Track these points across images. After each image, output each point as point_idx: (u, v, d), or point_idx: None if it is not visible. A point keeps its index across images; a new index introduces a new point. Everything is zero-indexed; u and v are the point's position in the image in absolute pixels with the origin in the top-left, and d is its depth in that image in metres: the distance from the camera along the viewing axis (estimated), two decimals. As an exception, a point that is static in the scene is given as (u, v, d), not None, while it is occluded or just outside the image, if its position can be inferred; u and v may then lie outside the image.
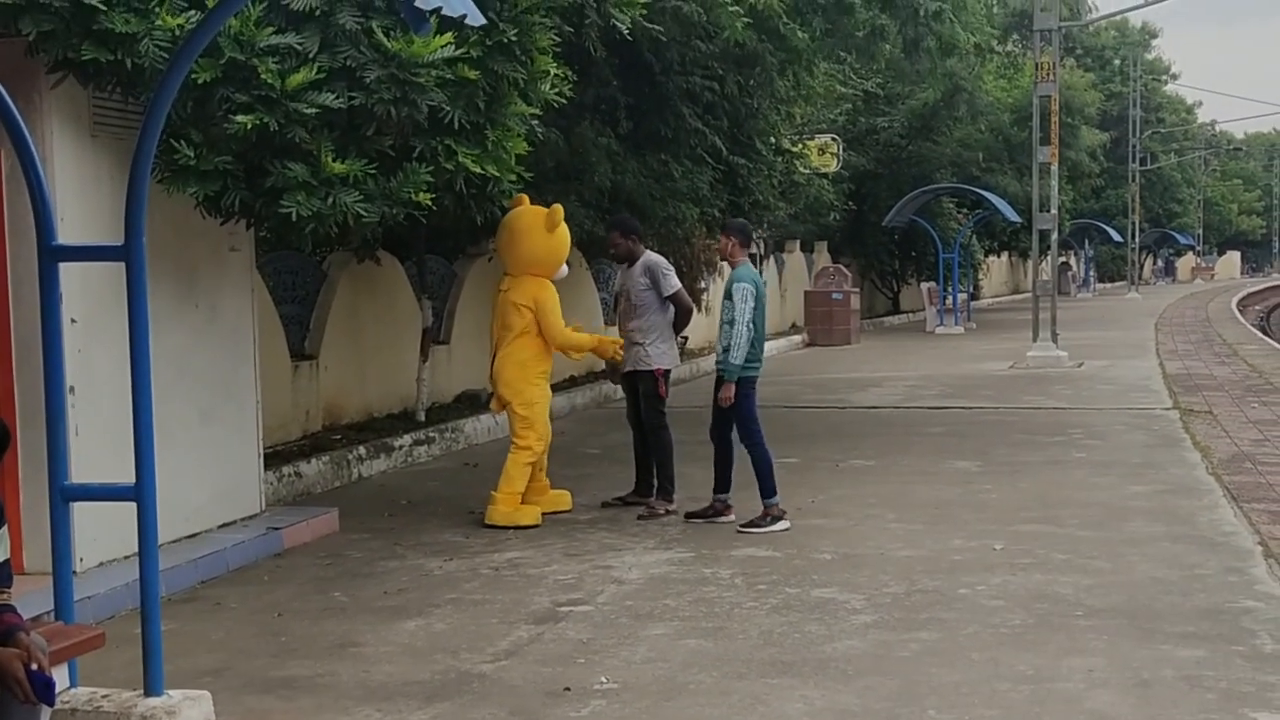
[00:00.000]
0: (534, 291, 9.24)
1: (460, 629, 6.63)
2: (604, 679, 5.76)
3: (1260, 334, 30.20)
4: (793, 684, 5.64)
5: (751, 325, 8.88)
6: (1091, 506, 9.33)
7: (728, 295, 8.98)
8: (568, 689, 5.63)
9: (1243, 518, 8.79)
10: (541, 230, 9.30)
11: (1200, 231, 79.40)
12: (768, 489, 8.91)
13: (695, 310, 22.35)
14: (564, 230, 9.51)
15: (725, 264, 11.84)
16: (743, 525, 8.81)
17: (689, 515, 9.21)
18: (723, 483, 9.21)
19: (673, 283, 9.68)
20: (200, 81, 6.89)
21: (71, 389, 7.03)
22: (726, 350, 8.90)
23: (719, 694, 5.53)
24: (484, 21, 6.70)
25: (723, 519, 9.04)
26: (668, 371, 9.72)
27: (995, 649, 6.08)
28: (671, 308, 9.70)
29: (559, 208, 9.43)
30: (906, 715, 5.22)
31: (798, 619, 6.64)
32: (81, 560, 7.13)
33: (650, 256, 9.83)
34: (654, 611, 6.85)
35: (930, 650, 6.08)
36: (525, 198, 9.39)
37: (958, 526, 8.77)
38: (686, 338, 10.11)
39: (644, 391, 9.72)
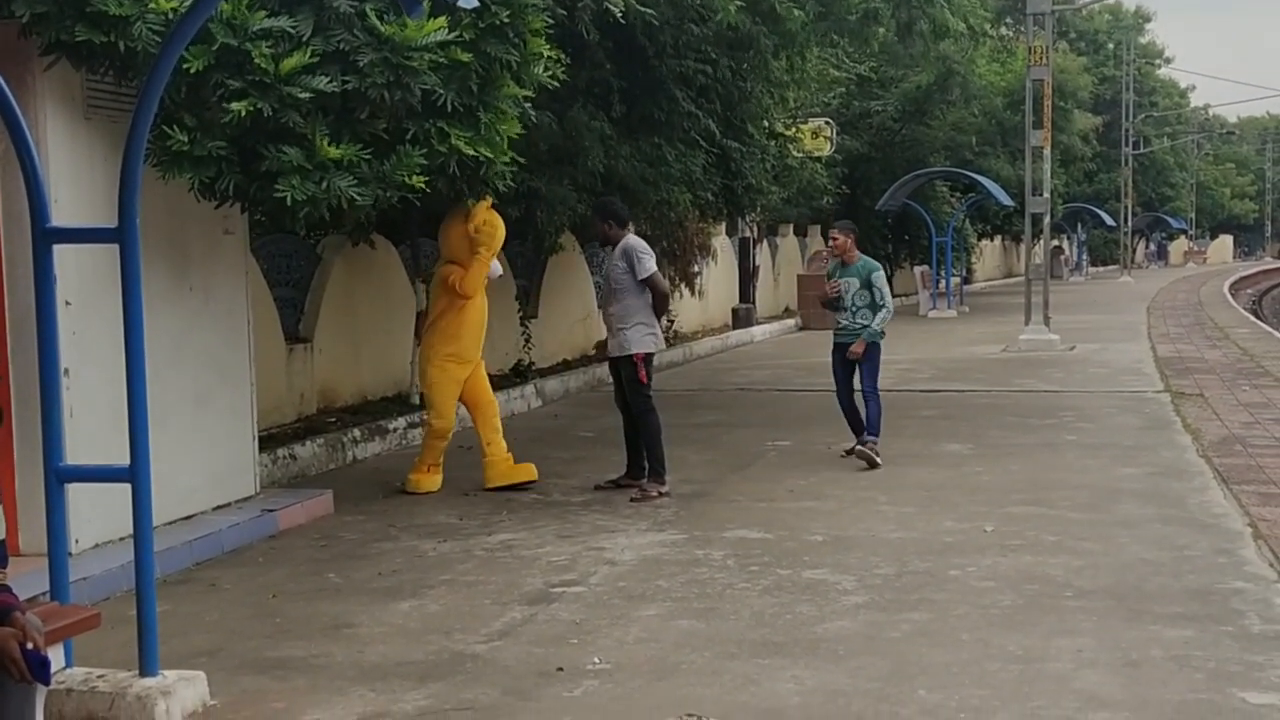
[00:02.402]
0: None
1: (454, 610, 6.66)
2: (597, 659, 5.80)
3: (1252, 317, 30.26)
4: (784, 664, 5.68)
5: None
6: (1082, 489, 9.37)
7: (866, 285, 10.79)
8: (561, 669, 5.67)
9: (1232, 500, 8.84)
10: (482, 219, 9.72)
11: (1193, 215, 79.40)
12: (878, 429, 10.68)
13: (691, 294, 22.43)
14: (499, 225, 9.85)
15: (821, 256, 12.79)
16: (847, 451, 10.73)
17: (854, 451, 10.57)
18: (860, 426, 10.82)
19: (647, 266, 9.58)
20: (193, 70, 6.90)
21: (66, 371, 7.06)
22: (868, 324, 10.78)
23: (711, 674, 5.57)
24: (477, 4, 6.74)
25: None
26: (648, 356, 9.66)
27: (985, 630, 6.12)
28: (649, 291, 9.69)
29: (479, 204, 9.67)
30: (897, 695, 5.26)
31: (789, 600, 6.68)
32: (77, 542, 7.16)
33: (630, 240, 9.73)
34: (646, 592, 6.88)
35: (921, 631, 6.12)
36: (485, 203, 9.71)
37: (949, 508, 8.81)
38: (672, 322, 10.08)
39: (626, 377, 9.70)
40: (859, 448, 10.53)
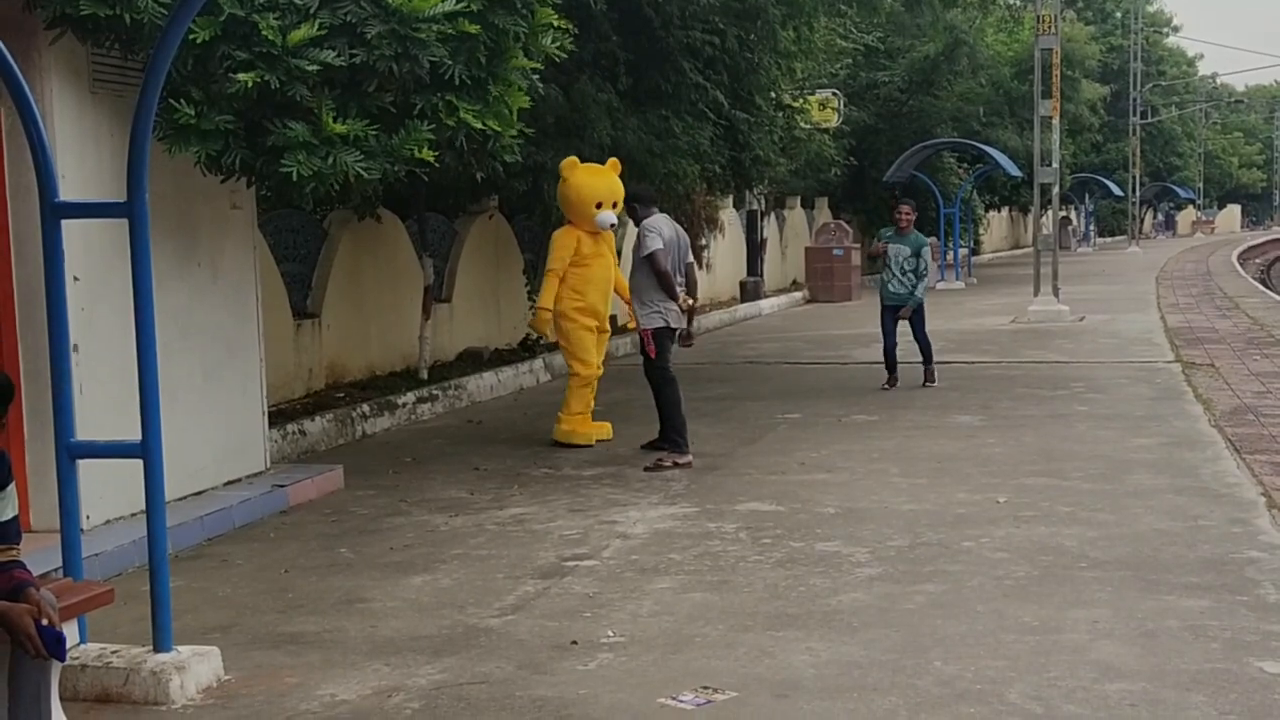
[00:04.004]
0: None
1: (466, 584, 6.65)
2: (610, 632, 5.78)
3: (1261, 287, 30.16)
4: (798, 636, 5.66)
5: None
6: (1095, 459, 9.34)
7: (916, 254, 13.16)
8: (574, 643, 5.66)
9: (1245, 469, 8.81)
10: (562, 181, 10.49)
11: (1201, 185, 79.18)
12: (932, 358, 13.45)
13: (699, 267, 22.39)
14: (584, 179, 10.42)
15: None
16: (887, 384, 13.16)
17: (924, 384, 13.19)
18: (894, 367, 13.35)
19: (646, 245, 9.81)
20: (200, 40, 6.85)
21: (75, 347, 7.04)
22: (913, 290, 13.18)
23: (725, 646, 5.56)
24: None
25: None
26: (655, 331, 9.83)
27: (1000, 601, 6.10)
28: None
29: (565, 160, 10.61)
30: (912, 667, 5.24)
31: (802, 572, 6.66)
32: (89, 518, 7.14)
33: (645, 220, 10.00)
34: (659, 566, 6.87)
35: (935, 602, 6.10)
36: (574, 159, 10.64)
37: (961, 480, 8.78)
38: (693, 300, 10.19)
39: (641, 350, 9.97)
40: (927, 382, 13.21)
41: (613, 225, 10.54)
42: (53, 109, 7.06)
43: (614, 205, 10.42)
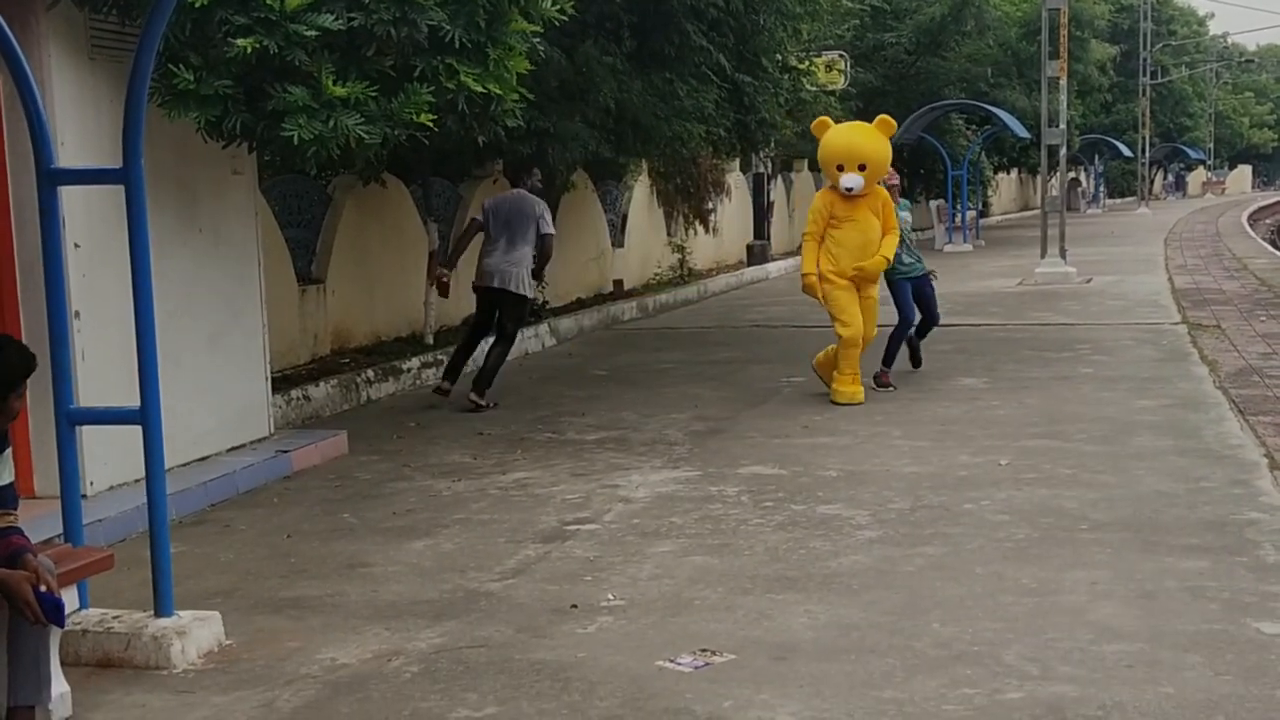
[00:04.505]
0: None
1: (468, 548, 6.68)
2: (611, 596, 5.81)
3: (1270, 248, 30.06)
4: (798, 599, 5.68)
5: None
6: (1098, 421, 9.33)
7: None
8: (574, 606, 5.68)
9: (1249, 431, 8.80)
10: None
11: (1211, 146, 78.77)
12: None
13: (706, 231, 22.44)
14: (828, 139, 10.51)
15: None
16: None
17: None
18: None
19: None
20: (198, 5, 6.83)
21: (77, 314, 7.07)
22: (916, 260, 11.51)
23: (724, 609, 5.57)
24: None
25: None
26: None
27: (1000, 563, 6.11)
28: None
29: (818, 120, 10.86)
30: (911, 629, 5.26)
31: (803, 535, 6.67)
32: (91, 484, 7.18)
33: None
34: (660, 529, 6.89)
35: (935, 565, 6.11)
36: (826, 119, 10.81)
37: (964, 442, 8.79)
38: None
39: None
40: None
41: (849, 189, 10.30)
42: (50, 76, 7.05)
43: (861, 168, 10.29)
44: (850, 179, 10.26)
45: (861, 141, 10.43)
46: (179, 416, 7.62)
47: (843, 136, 10.53)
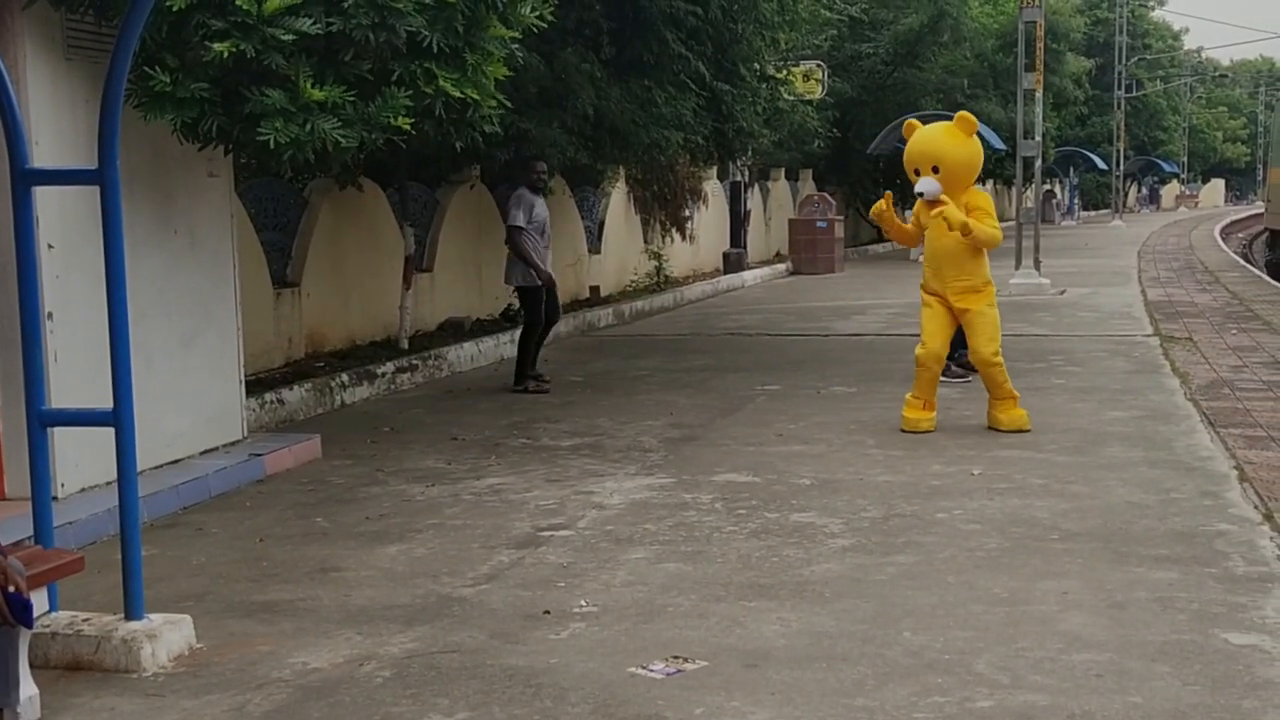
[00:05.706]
0: None
1: (441, 554, 6.67)
2: (583, 602, 5.81)
3: (1242, 261, 30.25)
4: (770, 606, 5.69)
5: None
6: (1070, 432, 9.38)
7: None
8: (547, 612, 5.68)
9: (1219, 442, 8.86)
10: None
11: (1185, 159, 79.24)
12: None
13: (682, 238, 22.43)
14: (912, 141, 9.63)
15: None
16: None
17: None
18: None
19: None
20: (175, 8, 6.82)
21: (50, 315, 7.05)
22: None
23: (697, 616, 5.58)
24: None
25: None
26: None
27: (971, 572, 6.13)
28: None
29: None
30: (882, 637, 5.28)
31: (776, 543, 6.69)
32: (63, 486, 7.15)
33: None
34: (634, 536, 6.89)
35: (907, 574, 6.13)
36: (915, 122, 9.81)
37: (936, 452, 8.82)
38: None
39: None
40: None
41: (920, 194, 9.48)
42: (25, 75, 7.02)
43: (934, 170, 9.39)
44: (923, 183, 9.43)
45: (935, 141, 9.52)
46: (151, 418, 7.59)
47: (917, 137, 9.59)
